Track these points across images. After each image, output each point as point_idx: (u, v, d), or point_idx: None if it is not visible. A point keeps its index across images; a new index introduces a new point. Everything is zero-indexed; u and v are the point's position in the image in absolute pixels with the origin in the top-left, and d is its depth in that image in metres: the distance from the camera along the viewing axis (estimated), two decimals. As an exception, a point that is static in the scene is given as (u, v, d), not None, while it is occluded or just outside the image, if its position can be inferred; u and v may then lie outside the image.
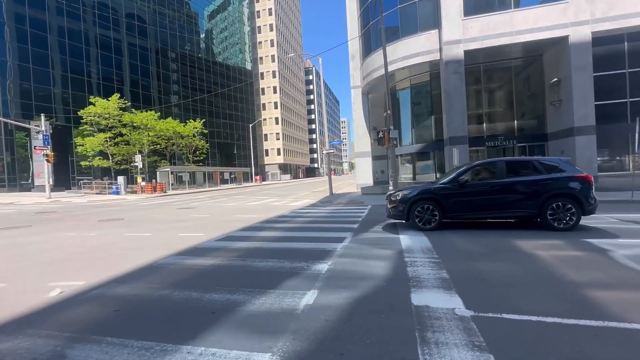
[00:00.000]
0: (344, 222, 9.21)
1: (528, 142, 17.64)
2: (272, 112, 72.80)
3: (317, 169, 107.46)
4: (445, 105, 16.48)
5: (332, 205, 14.81)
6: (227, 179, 46.12)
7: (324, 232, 7.63)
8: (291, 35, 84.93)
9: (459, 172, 7.35)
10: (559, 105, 15.96)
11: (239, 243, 6.72)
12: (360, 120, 22.95)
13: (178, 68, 52.73)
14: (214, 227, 9.18)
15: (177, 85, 52.38)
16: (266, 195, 23.88)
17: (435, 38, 16.97)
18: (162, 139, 37.53)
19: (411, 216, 7.44)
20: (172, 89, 51.66)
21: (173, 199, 22.68)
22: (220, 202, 18.96)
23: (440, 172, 19.46)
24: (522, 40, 15.20)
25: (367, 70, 20.70)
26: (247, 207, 15.02)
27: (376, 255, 5.33)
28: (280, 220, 10.09)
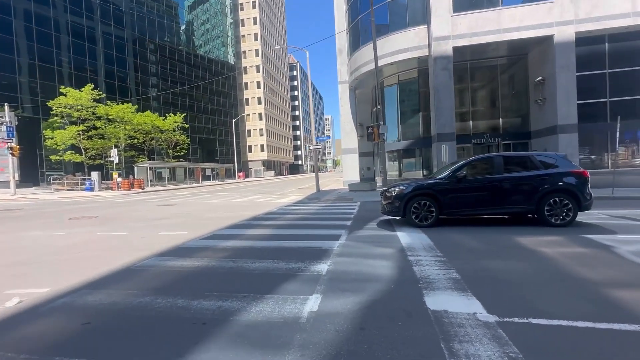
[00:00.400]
0: (335, 219, 8.87)
1: (512, 139, 17.92)
2: (255, 107, 71.41)
3: (301, 166, 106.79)
4: (433, 102, 16.43)
5: (320, 202, 14.45)
6: (209, 176, 44.82)
7: (317, 230, 7.25)
8: (275, 30, 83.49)
9: (456, 168, 7.15)
10: (542, 104, 16.25)
11: (227, 242, 6.23)
12: (347, 116, 22.66)
13: (157, 60, 50.64)
14: (198, 224, 8.61)
15: (156, 78, 50.30)
16: (251, 191, 23.22)
17: (424, 34, 16.86)
18: (140, 133, 35.87)
19: (407, 212, 7.19)
20: (151, 82, 49.58)
21: (152, 196, 21.62)
22: (202, 198, 18.19)
23: (427, 169, 19.51)
24: (509, 38, 15.32)
25: (355, 65, 20.40)
26: (232, 204, 14.41)
27: (377, 254, 5.01)
28: (268, 218, 9.63)
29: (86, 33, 39.84)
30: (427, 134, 19.08)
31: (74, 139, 29.27)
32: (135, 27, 46.94)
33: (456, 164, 7.58)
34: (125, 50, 44.95)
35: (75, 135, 29.16)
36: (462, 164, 7.18)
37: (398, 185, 7.62)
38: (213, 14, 63.75)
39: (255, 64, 70.79)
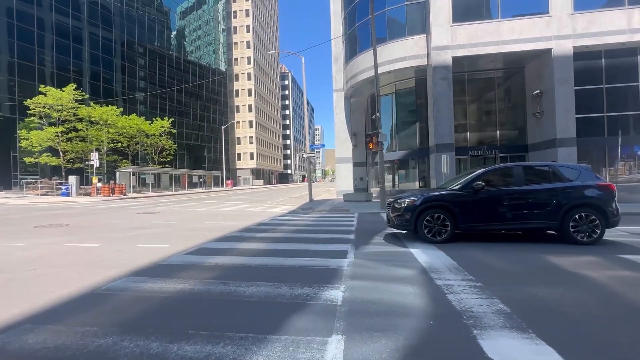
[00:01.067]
0: (336, 232, 8.08)
1: (510, 152, 17.70)
2: (246, 115, 70.51)
3: (291, 175, 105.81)
4: (432, 111, 16.06)
5: (314, 212, 13.64)
6: (195, 183, 43.36)
7: (318, 244, 6.44)
8: (268, 38, 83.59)
9: (472, 177, 6.52)
10: (540, 117, 16.12)
11: (216, 258, 5.34)
12: (342, 125, 22.13)
13: (146, 63, 49.42)
14: (182, 236, 7.65)
15: (144, 82, 48.94)
16: (240, 200, 22.19)
17: (423, 43, 16.62)
18: (124, 137, 34.38)
19: (419, 226, 6.48)
20: (139, 85, 48.17)
21: (133, 203, 20.30)
22: (188, 206, 17.07)
23: (422, 180, 19.03)
24: (508, 50, 15.21)
25: (351, 72, 20.00)
26: (220, 213, 13.42)
27: (397, 277, 4.24)
28: (261, 229, 8.75)
29: (71, 32, 38.43)
30: (424, 145, 18.68)
31: (52, 140, 27.61)
32: (125, 29, 45.81)
33: (471, 173, 6.97)
34: (113, 51, 43.62)
35: (53, 136, 27.52)
36: (479, 173, 6.57)
37: (408, 196, 6.93)
38: (205, 21, 63.28)
39: (246, 71, 70.24)
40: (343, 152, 22.23)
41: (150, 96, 49.39)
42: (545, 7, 15.11)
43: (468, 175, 6.94)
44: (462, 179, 7.10)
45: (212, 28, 64.82)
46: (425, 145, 18.78)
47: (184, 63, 56.59)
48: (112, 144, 33.31)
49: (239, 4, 71.00)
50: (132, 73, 46.78)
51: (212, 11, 64.63)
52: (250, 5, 70.57)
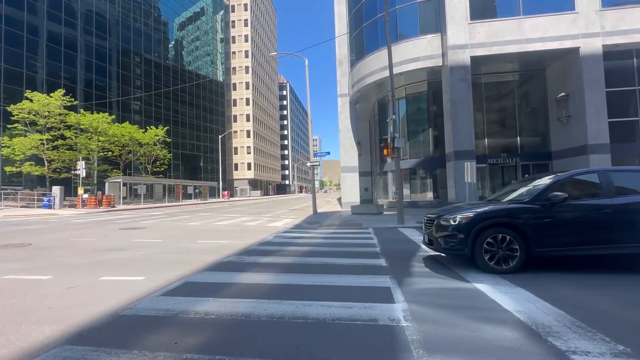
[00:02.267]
0: (359, 255, 6.47)
1: (532, 160, 16.34)
2: (243, 124, 69.23)
3: (289, 186, 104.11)
4: (450, 116, 14.70)
5: (323, 227, 12.01)
6: (190, 194, 41.54)
7: (345, 276, 4.82)
8: (267, 48, 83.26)
9: (547, 186, 4.99)
10: (566, 122, 14.82)
11: (207, 303, 3.70)
12: (347, 132, 20.74)
13: (142, 72, 48.16)
14: (166, 262, 6.00)
15: (140, 91, 47.56)
16: (237, 212, 20.48)
17: (437, 42, 15.42)
18: (115, 146, 32.74)
19: (477, 251, 4.91)
20: (135, 94, 46.74)
21: (120, 216, 18.52)
22: (180, 220, 15.36)
23: (437, 190, 17.54)
24: (532, 49, 14.01)
25: (357, 76, 18.73)
26: (216, 229, 11.74)
27: (499, 344, 2.63)
28: (265, 251, 7.10)
29: (64, 38, 37.17)
30: (438, 153, 17.30)
31: (36, 148, 25.88)
32: (121, 37, 44.72)
33: (534, 181, 5.47)
34: (107, 59, 42.34)
35: (38, 144, 25.80)
36: (556, 181, 5.03)
37: (458, 211, 5.37)
38: (204, 31, 62.64)
39: (244, 80, 69.36)
40: (349, 161, 20.76)
41: (146, 105, 48.00)
42: (571, 4, 14.01)
43: (530, 183, 5.44)
44: (522, 188, 5.59)
45: (210, 38, 64.22)
46: (439, 153, 17.39)
47: (181, 72, 55.53)
48: (103, 153, 31.62)
49: (238, 14, 70.72)
50: (128, 81, 45.44)
51: (211, 22, 64.17)
52: (249, 15, 70.30)
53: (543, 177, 5.51)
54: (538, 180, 5.57)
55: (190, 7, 59.35)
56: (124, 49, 45.21)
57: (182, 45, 57.50)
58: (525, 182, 6.01)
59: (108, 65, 42.17)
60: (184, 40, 58.05)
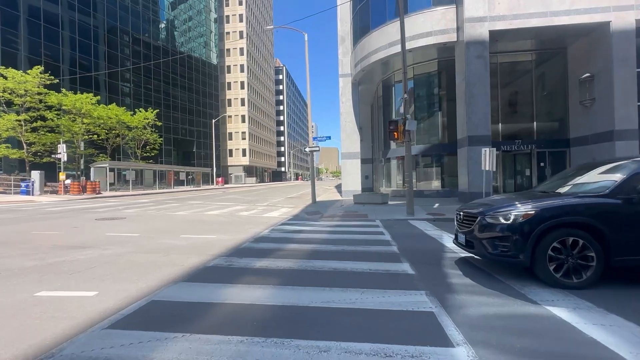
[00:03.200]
0: (375, 257, 5.29)
1: (549, 147, 15.20)
2: (238, 109, 66.98)
3: (284, 173, 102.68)
4: (464, 97, 13.39)
5: (324, 218, 10.83)
6: (183, 180, 40.04)
7: (365, 292, 3.62)
8: (262, 29, 79.98)
9: (632, 175, 3.79)
10: (590, 105, 13.61)
11: (173, 347, 2.47)
12: (349, 115, 19.34)
13: (132, 53, 45.52)
14: (134, 266, 4.76)
15: (130, 72, 45.04)
16: (230, 200, 19.21)
17: (452, 15, 13.93)
18: (102, 129, 30.94)
19: (538, 259, 3.75)
20: (124, 75, 44.30)
21: (103, 203, 17.15)
22: (167, 209, 14.06)
23: (447, 178, 16.38)
24: (558, 23, 12.62)
25: (362, 53, 17.20)
26: (205, 220, 10.49)
27: None
28: (261, 251, 5.89)
29: (45, 13, 34.56)
30: (448, 139, 16.08)
31: (13, 130, 24.08)
32: (109, 14, 41.92)
33: (609, 167, 4.27)
34: (94, 37, 39.70)
35: (15, 125, 23.99)
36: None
37: (508, 205, 4.16)
38: (197, 10, 59.45)
39: (239, 63, 66.68)
40: (350, 147, 19.45)
41: (136, 87, 45.69)
42: (602, -28, 12.54)
43: (593, 171, 4.25)
44: (583, 177, 4.41)
45: (204, 18, 61.08)
46: (449, 139, 16.17)
47: (172, 53, 52.83)
48: (88, 136, 29.84)
49: (232, -8, 67.38)
50: (117, 61, 42.91)
51: (204, 0, 60.85)
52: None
53: (605, 163, 4.32)
54: (603, 168, 4.37)
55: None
56: (112, 27, 42.53)
57: (174, 25, 54.60)
58: (584, 171, 4.80)
59: (94, 43, 39.62)
60: (175, 20, 55.10)
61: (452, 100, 16.10)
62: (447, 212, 11.34)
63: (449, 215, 10.66)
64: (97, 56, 40.27)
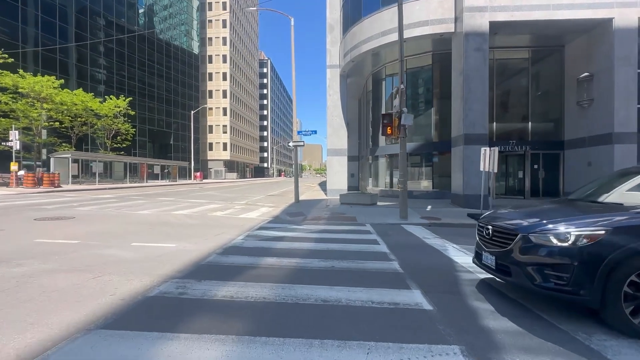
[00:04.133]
0: (375, 279, 4.16)
1: (543, 149, 14.64)
2: (219, 101, 64.31)
3: (267, 169, 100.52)
4: (461, 93, 12.49)
5: (308, 220, 9.62)
6: (157, 174, 37.66)
7: (375, 352, 2.43)
8: (246, 19, 77.26)
9: None
10: (588, 106, 13.07)
11: None
12: (336, 109, 18.15)
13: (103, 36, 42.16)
14: (42, 295, 3.37)
15: (101, 57, 41.72)
16: (206, 198, 17.63)
17: (449, 4, 12.98)
18: (65, 116, 28.27)
19: (611, 298, 2.69)
20: (97, 61, 40.89)
21: (57, 199, 15.19)
22: (131, 207, 12.41)
23: (438, 179, 15.55)
24: (561, 17, 11.92)
25: (352, 42, 16.02)
26: (170, 221, 9.02)
27: None
28: (228, 267, 4.61)
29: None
30: (440, 137, 15.23)
31: (-43, 113, 21.31)
32: None
33: None
34: (61, 16, 36.33)
35: (-41, 108, 21.23)
36: None
37: (565, 220, 3.09)
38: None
39: (222, 53, 63.93)
40: (336, 142, 18.29)
41: (109, 73, 42.46)
42: (607, -35, 11.92)
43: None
44: (630, 183, 3.42)
45: (185, 5, 57.91)
46: (441, 137, 15.32)
47: (149, 39, 49.63)
48: (49, 123, 27.14)
49: (215, -22, 64.42)
50: (91, 46, 39.58)
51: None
52: (227, -19, 64.23)
53: None
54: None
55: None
56: (83, 7, 39.15)
57: (152, 10, 51.35)
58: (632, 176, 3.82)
59: (60, 23, 36.26)
60: (155, 5, 51.82)
61: (446, 97, 15.25)
62: (442, 216, 10.41)
63: (445, 220, 9.72)
64: (64, 38, 36.96)
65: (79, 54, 38.48)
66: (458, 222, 9.45)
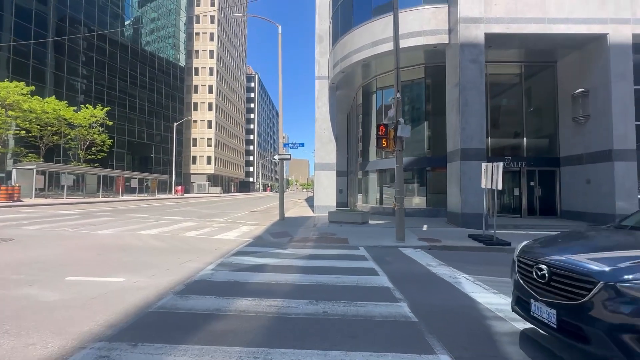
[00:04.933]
0: (381, 334, 3.07)
1: (539, 165, 14.13)
2: (205, 113, 62.92)
3: (252, 184, 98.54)
4: (455, 106, 11.88)
5: (294, 243, 8.47)
6: (135, 188, 35.57)
7: None
8: (234, 32, 77.26)
9: None
10: (584, 122, 12.70)
11: None
12: (325, 121, 17.32)
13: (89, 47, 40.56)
14: None
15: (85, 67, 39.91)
16: (183, 214, 16.16)
17: (443, 15, 12.57)
18: (34, 124, 26.35)
19: None
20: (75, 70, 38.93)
21: (8, 215, 13.44)
22: (91, 225, 10.89)
23: (431, 195, 14.75)
24: (556, 31, 11.64)
25: (342, 52, 15.40)
26: (131, 244, 7.67)
27: None
28: (184, 318, 3.41)
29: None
30: (433, 152, 14.55)
31: None
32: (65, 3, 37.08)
33: None
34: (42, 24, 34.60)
35: None
36: None
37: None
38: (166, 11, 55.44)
39: (208, 65, 63.11)
40: (325, 156, 17.35)
41: (87, 82, 40.56)
42: (599, -18, 11.83)
43: None
44: None
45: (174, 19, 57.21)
46: (434, 152, 14.65)
47: (132, 49, 48.29)
48: (14, 132, 25.14)
49: (204, -8, 64.36)
50: (69, 54, 37.84)
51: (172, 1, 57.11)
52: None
53: None
54: None
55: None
56: (64, 15, 37.65)
57: (138, 21, 50.33)
58: None
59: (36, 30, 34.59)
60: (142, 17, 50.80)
61: (439, 110, 14.70)
62: (442, 237, 9.47)
63: (446, 242, 8.77)
64: (42, 44, 35.17)
65: (57, 61, 36.69)
66: (460, 245, 8.52)
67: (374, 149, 17.11)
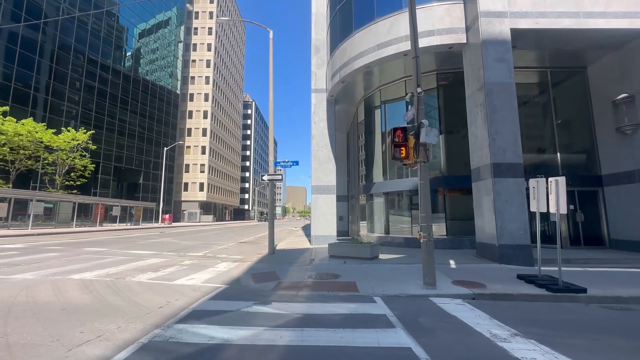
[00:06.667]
0: None
1: (577, 185, 11.90)
2: (198, 139, 61.24)
3: (247, 212, 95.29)
4: (483, 113, 9.82)
5: (282, 290, 5.96)
6: (116, 216, 32.73)
7: None
8: (231, 61, 77.81)
9: None
10: (631, 132, 10.66)
11: None
12: (322, 138, 15.23)
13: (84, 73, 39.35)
14: None
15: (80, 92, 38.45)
16: (156, 247, 13.51)
17: (458, 12, 10.90)
18: (5, 147, 24.12)
19: None
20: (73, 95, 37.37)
21: None
22: (16, 266, 8.29)
23: (451, 222, 12.33)
24: (593, 26, 9.90)
25: (341, 60, 13.64)
26: (36, 300, 5.11)
27: None
28: None
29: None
30: (454, 170, 12.36)
31: None
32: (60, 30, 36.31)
33: None
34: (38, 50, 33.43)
35: None
36: None
37: None
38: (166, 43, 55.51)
39: (204, 91, 62.38)
40: (323, 178, 15.06)
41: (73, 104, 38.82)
42: (637, -27, 10.30)
43: None
44: None
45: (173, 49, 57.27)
46: (453, 171, 12.45)
47: (125, 74, 47.40)
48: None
49: (202, 22, 65.16)
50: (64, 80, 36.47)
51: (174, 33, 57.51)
52: (214, 24, 65.09)
53: None
54: None
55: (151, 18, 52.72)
56: (63, 43, 36.81)
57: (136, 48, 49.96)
58: None
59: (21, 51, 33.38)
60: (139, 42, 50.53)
61: (455, 123, 12.73)
62: (482, 280, 6.97)
63: (492, 287, 6.28)
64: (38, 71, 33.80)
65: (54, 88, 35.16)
66: (516, 292, 6.02)
67: (379, 169, 14.91)
